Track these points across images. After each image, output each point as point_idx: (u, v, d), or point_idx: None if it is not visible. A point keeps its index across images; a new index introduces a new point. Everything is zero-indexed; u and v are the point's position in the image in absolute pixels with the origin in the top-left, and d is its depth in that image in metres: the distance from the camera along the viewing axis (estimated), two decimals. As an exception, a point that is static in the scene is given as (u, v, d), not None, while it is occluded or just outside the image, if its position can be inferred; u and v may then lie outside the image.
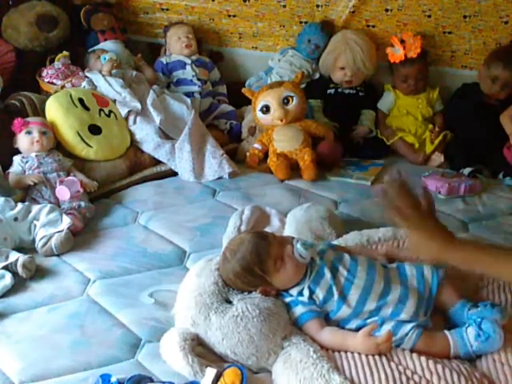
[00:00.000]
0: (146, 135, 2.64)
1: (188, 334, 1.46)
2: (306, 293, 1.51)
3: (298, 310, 1.50)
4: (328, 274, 1.51)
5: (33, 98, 2.57)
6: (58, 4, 2.94)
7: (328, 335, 1.46)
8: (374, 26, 3.02)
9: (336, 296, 1.49)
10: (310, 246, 1.54)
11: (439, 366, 1.34)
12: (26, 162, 2.30)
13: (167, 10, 3.19)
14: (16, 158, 2.32)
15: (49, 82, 2.74)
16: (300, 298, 1.51)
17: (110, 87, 2.71)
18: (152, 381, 1.38)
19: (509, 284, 1.66)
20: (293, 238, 1.59)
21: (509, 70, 2.72)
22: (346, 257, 1.58)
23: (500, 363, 1.39)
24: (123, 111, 2.68)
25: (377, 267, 1.56)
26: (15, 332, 1.63)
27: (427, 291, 1.53)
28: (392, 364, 1.35)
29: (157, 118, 2.68)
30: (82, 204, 2.21)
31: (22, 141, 2.36)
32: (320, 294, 1.50)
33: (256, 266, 1.50)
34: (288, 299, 1.53)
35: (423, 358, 1.37)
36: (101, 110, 2.62)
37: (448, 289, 1.55)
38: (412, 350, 1.41)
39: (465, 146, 2.76)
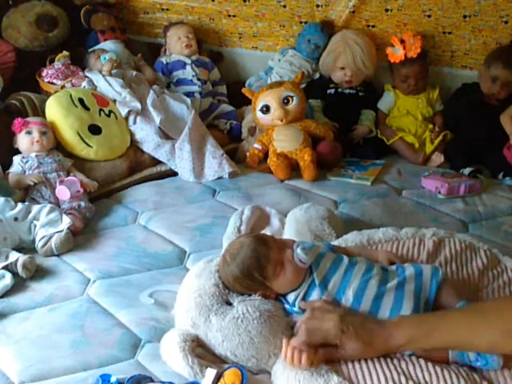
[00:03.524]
0: (146, 135, 2.64)
1: (188, 335, 1.45)
2: (299, 302, 1.50)
3: (295, 318, 1.50)
4: (318, 286, 1.50)
5: (33, 97, 2.57)
6: (58, 4, 2.94)
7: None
8: (374, 26, 3.02)
9: None
10: (310, 249, 1.53)
11: (438, 368, 1.34)
12: (26, 161, 2.30)
13: (167, 9, 3.19)
14: (16, 158, 2.32)
15: (49, 82, 2.74)
16: (294, 309, 1.51)
17: (110, 87, 2.71)
18: (152, 381, 1.38)
19: (509, 284, 1.66)
20: (293, 241, 1.58)
21: (509, 69, 2.72)
22: (345, 261, 1.56)
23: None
24: (123, 111, 2.68)
25: (375, 271, 1.54)
26: (15, 332, 1.63)
27: (425, 294, 1.51)
28: (391, 365, 1.35)
29: (157, 118, 2.68)
30: (82, 204, 2.21)
31: (22, 141, 2.36)
32: None
33: (255, 271, 1.49)
34: (285, 305, 1.53)
35: (422, 360, 1.36)
36: (101, 110, 2.62)
37: (447, 290, 1.53)
38: (410, 355, 1.41)
39: (465, 146, 2.76)
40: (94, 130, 2.55)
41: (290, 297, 1.53)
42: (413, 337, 1.31)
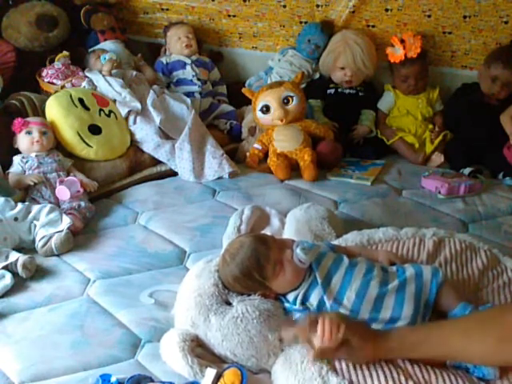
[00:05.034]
0: (146, 135, 2.64)
1: (188, 334, 1.45)
2: (300, 301, 1.50)
3: (295, 315, 1.50)
4: (321, 285, 1.50)
5: (33, 98, 2.57)
6: (58, 4, 2.94)
7: None
8: (373, 26, 3.02)
9: (328, 305, 1.48)
10: (310, 249, 1.52)
11: (437, 368, 1.35)
12: (26, 161, 2.30)
13: (167, 10, 3.19)
14: (16, 158, 2.32)
15: (49, 82, 2.74)
16: (295, 307, 1.51)
17: (110, 87, 2.71)
18: (152, 381, 1.38)
19: (509, 284, 1.66)
20: (293, 241, 1.57)
21: (509, 69, 2.73)
22: (345, 261, 1.56)
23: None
24: (123, 111, 2.68)
25: (375, 272, 1.54)
26: (15, 332, 1.63)
27: (425, 295, 1.51)
28: (390, 365, 1.35)
29: (157, 118, 2.68)
30: (82, 204, 2.21)
31: (22, 141, 2.36)
32: (314, 301, 1.49)
33: (255, 272, 1.50)
34: (285, 305, 1.53)
35: (421, 362, 1.37)
36: (101, 110, 2.62)
37: (447, 292, 1.53)
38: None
39: (465, 146, 2.76)
40: (94, 130, 2.55)
41: (290, 296, 1.53)
42: (405, 339, 1.31)
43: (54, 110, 2.51)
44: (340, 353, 1.33)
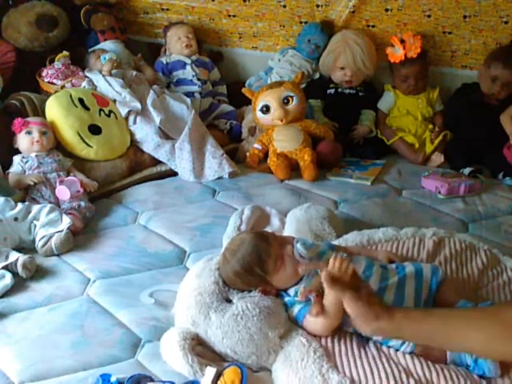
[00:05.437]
0: (146, 135, 2.64)
1: (188, 333, 1.46)
2: (300, 292, 1.50)
3: (296, 308, 1.50)
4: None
5: (33, 98, 2.57)
6: (58, 4, 2.94)
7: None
8: (373, 26, 3.02)
9: None
10: (310, 246, 1.54)
11: (438, 366, 1.35)
12: (26, 161, 2.30)
13: (167, 9, 3.19)
14: (16, 158, 2.32)
15: (49, 82, 2.74)
16: (296, 299, 1.51)
17: (110, 87, 2.71)
18: (152, 380, 1.38)
19: (509, 283, 1.67)
20: (293, 237, 1.59)
21: (509, 69, 2.73)
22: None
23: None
24: (123, 111, 2.68)
25: (374, 269, 1.54)
26: (15, 332, 1.63)
27: (425, 293, 1.52)
28: (392, 363, 1.35)
29: (157, 118, 2.68)
30: (82, 204, 2.21)
31: (22, 141, 2.36)
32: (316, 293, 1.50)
33: (256, 266, 1.50)
34: (286, 299, 1.54)
35: (422, 359, 1.37)
36: (101, 110, 2.62)
37: (448, 289, 1.54)
38: (410, 353, 1.40)
39: (465, 146, 2.76)
40: (94, 130, 2.55)
41: (291, 292, 1.53)
42: (409, 313, 1.27)
43: (54, 110, 2.51)
44: (349, 288, 1.28)
